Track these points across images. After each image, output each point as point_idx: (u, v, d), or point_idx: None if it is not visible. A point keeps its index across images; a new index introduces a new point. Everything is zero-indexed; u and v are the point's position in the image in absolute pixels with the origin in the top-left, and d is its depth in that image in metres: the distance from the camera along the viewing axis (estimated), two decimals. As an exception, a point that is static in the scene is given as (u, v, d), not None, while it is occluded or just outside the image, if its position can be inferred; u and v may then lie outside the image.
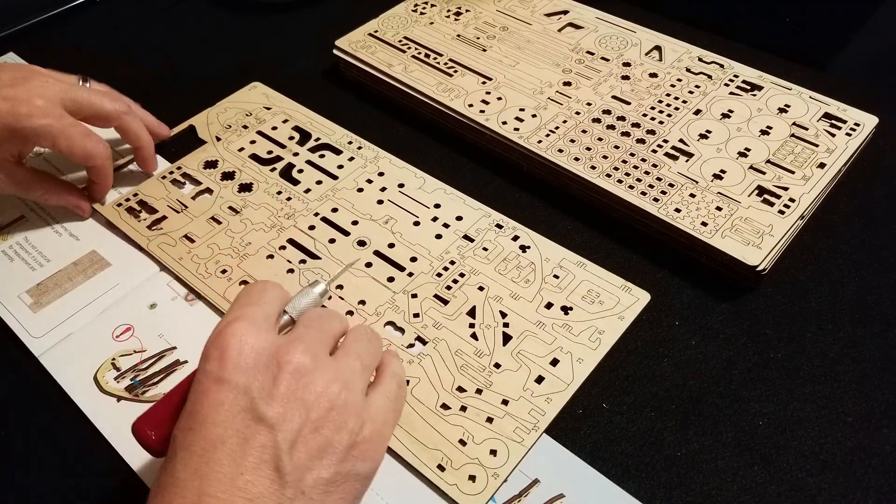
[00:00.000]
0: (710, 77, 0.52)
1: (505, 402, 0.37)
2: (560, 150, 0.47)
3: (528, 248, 0.44)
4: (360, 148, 0.51)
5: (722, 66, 0.53)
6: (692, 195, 0.44)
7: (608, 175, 0.46)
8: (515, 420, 0.36)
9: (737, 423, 0.36)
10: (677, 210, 0.43)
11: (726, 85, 0.52)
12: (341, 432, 0.28)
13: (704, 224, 0.42)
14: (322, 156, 0.50)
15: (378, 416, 0.30)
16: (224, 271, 0.43)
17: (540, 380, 0.37)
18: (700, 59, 0.54)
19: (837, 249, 0.44)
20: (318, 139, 0.52)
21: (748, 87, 0.51)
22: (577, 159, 0.47)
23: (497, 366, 0.38)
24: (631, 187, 0.45)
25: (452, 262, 0.43)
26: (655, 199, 0.44)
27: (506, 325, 0.40)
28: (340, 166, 0.50)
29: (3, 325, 0.42)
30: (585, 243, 0.45)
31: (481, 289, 0.42)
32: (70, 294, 0.43)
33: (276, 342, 0.29)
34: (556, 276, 0.42)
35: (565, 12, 0.59)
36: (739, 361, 0.39)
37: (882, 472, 0.34)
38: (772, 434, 0.36)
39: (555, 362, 0.38)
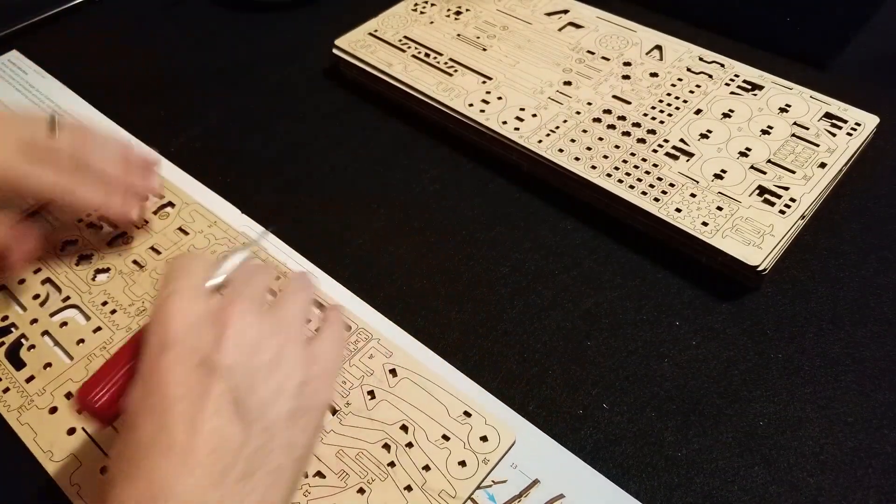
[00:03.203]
0: (710, 77, 0.52)
1: None
2: (560, 150, 0.47)
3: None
4: None
5: (723, 65, 0.53)
6: (693, 195, 0.44)
7: (608, 175, 0.46)
8: None
9: (737, 423, 0.36)
10: (678, 210, 0.43)
11: (727, 84, 0.52)
12: (291, 377, 0.29)
13: (705, 224, 0.42)
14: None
15: (323, 357, 0.31)
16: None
17: None
18: (701, 59, 0.54)
19: (838, 249, 0.44)
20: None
21: (749, 87, 0.51)
22: (577, 159, 0.47)
23: None
24: (631, 187, 0.45)
25: None
26: (656, 199, 0.44)
27: None
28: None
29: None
30: (585, 243, 0.45)
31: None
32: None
33: (214, 305, 0.30)
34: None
35: (566, 11, 0.59)
36: (740, 362, 0.39)
37: (882, 472, 0.34)
38: (772, 434, 0.36)
39: None
